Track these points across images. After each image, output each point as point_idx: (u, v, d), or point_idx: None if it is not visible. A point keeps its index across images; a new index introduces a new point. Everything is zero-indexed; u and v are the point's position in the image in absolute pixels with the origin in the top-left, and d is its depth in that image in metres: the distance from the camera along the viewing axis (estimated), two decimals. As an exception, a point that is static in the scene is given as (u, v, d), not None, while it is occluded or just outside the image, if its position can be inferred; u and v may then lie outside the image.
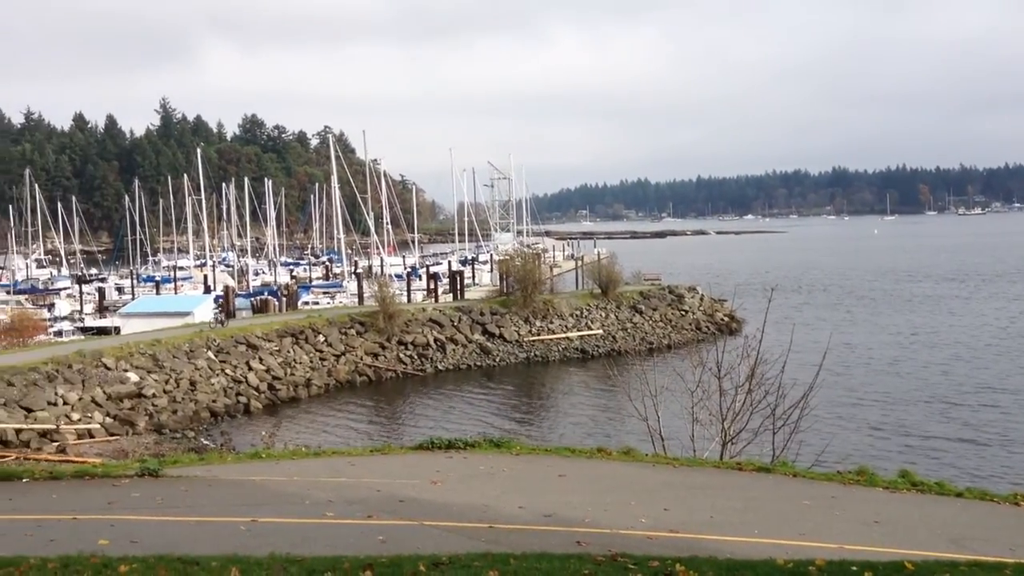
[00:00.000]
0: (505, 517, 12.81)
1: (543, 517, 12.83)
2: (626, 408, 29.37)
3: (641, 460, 18.53)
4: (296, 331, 50.18)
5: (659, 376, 22.82)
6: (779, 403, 20.53)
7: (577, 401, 45.04)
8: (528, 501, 13.92)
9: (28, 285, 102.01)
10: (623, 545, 10.94)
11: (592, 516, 12.94)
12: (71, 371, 38.77)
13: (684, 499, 14.61)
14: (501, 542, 11.12)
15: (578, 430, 37.71)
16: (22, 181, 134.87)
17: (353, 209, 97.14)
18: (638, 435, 24.71)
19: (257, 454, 20.26)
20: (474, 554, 10.13)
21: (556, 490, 15.23)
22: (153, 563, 9.21)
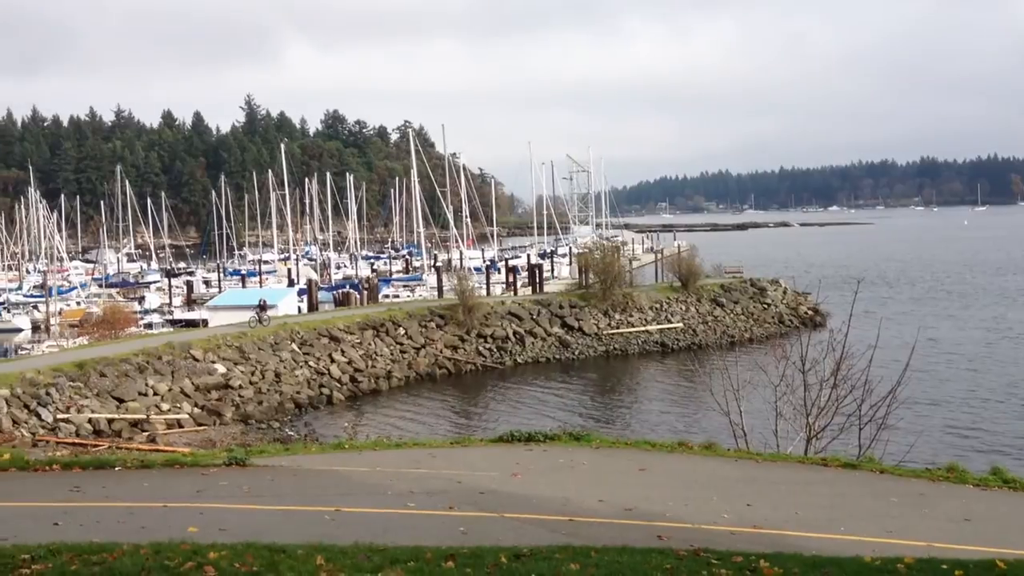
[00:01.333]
0: (585, 510, 12.78)
1: (624, 511, 12.77)
2: (707, 402, 29.11)
3: (723, 455, 18.32)
4: (377, 324, 50.76)
5: (741, 370, 22.45)
6: (865, 398, 20.11)
7: (657, 395, 44.74)
8: (608, 494, 13.87)
9: (119, 279, 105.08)
10: (705, 540, 10.84)
11: (673, 510, 12.84)
12: (161, 362, 39.80)
13: (767, 495, 14.40)
14: (581, 535, 11.10)
15: (658, 424, 37.45)
16: (113, 177, 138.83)
17: (432, 203, 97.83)
18: (719, 429, 24.42)
19: (340, 445, 20.54)
20: (555, 547, 10.13)
21: (636, 484, 15.14)
22: (241, 550, 9.40)
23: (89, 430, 33.64)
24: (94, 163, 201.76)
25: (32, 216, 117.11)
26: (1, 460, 16.07)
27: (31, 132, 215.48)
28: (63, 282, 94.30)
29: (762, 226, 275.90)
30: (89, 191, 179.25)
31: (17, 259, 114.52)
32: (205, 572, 8.52)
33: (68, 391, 35.11)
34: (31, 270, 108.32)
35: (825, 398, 20.31)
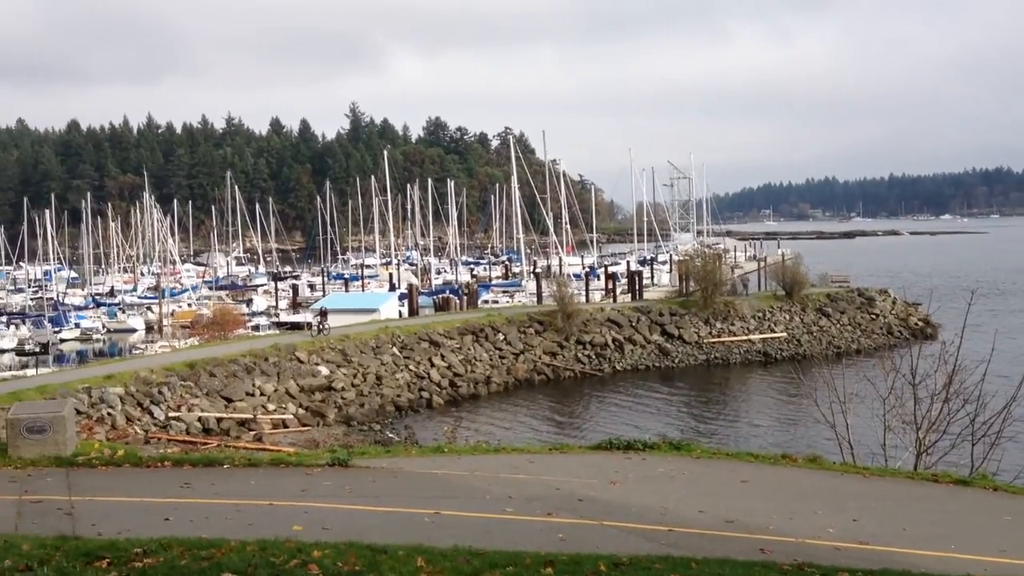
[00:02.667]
0: (685, 520, 12.61)
1: (724, 522, 12.56)
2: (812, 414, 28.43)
3: (829, 468, 17.88)
4: (476, 329, 51.08)
5: (847, 382, 21.89)
6: (978, 413, 19.41)
7: (759, 405, 43.99)
8: (709, 505, 13.66)
9: (229, 282, 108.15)
10: (809, 555, 10.58)
11: (776, 524, 12.58)
12: (267, 364, 40.79)
13: (875, 510, 13.99)
14: (681, 545, 10.95)
15: (760, 435, 36.82)
16: (224, 183, 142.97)
17: (532, 209, 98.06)
18: (825, 442, 23.90)
19: (440, 448, 20.69)
20: (654, 556, 10.02)
21: (738, 495, 14.88)
22: (344, 549, 9.53)
23: (199, 428, 34.67)
24: (206, 169, 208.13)
25: (147, 220, 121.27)
26: (116, 456, 16.63)
27: (146, 139, 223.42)
28: (175, 284, 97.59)
29: (870, 234, 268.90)
30: (201, 196, 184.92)
31: (132, 262, 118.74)
32: (309, 570, 8.67)
33: (179, 390, 36.23)
34: (145, 272, 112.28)
35: (936, 412, 19.65)
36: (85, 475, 15.08)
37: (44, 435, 16.19)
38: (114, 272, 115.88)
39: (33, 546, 9.41)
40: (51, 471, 15.22)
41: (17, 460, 15.82)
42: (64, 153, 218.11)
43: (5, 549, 9.27)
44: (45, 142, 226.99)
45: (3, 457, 16.11)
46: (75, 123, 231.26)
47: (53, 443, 16.18)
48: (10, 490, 13.56)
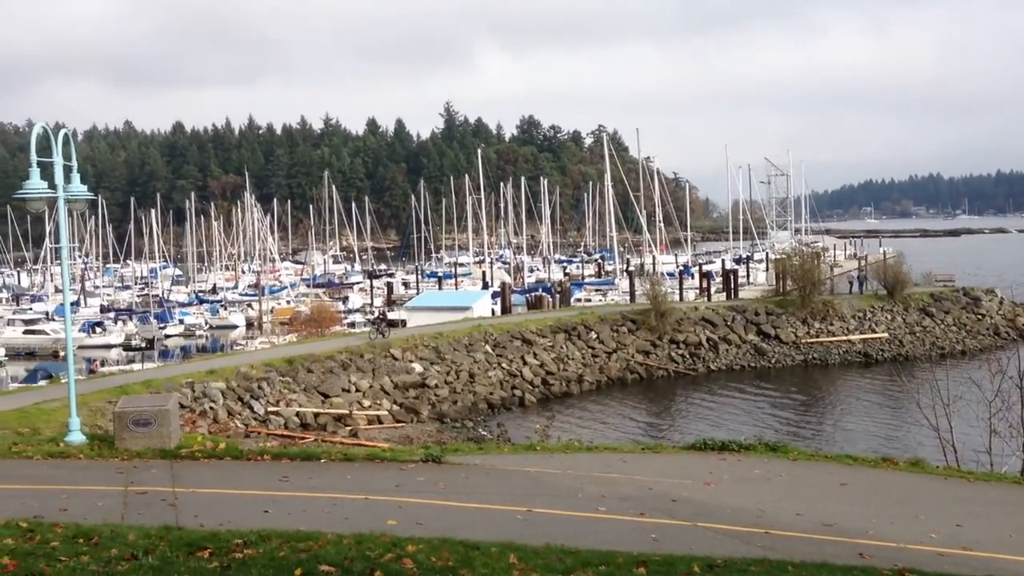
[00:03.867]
0: (782, 523, 12.39)
1: (823, 526, 12.30)
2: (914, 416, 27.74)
3: (931, 472, 17.38)
4: (569, 327, 51.02)
5: (952, 384, 21.26)
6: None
7: (859, 407, 42.99)
8: (806, 508, 13.40)
9: (326, 279, 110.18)
10: (911, 560, 10.29)
11: (876, 528, 12.27)
12: (363, 360, 41.40)
13: (980, 515, 13.55)
14: (778, 549, 10.76)
15: (860, 438, 35.97)
16: (321, 183, 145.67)
17: (625, 207, 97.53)
18: (927, 446, 23.24)
19: (532, 446, 20.72)
20: (750, 559, 9.86)
21: (837, 499, 14.57)
22: (437, 545, 9.61)
23: (296, 423, 35.39)
24: (304, 169, 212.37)
25: (248, 219, 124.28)
26: (217, 449, 17.07)
27: (247, 140, 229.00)
28: (274, 282, 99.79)
29: (977, 232, 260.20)
30: (299, 195, 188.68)
31: (234, 260, 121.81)
32: (403, 564, 8.76)
33: (278, 385, 37.03)
34: (246, 270, 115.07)
35: (1046, 417, 18.97)
36: (188, 467, 15.52)
37: (149, 428, 16.71)
38: (216, 270, 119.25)
39: (138, 536, 9.72)
40: (156, 463, 15.70)
41: (124, 452, 16.37)
42: (169, 154, 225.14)
43: (112, 538, 9.59)
44: (151, 143, 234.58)
45: (111, 449, 16.68)
46: (180, 125, 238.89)
47: (158, 436, 16.68)
48: (117, 481, 14.04)
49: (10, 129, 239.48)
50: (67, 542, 9.38)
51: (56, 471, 15.00)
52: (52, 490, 13.07)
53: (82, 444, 17.37)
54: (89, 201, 19.19)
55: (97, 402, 28.56)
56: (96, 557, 8.71)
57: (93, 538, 9.56)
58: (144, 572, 8.23)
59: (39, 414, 26.47)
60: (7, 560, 8.44)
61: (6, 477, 14.22)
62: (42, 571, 8.15)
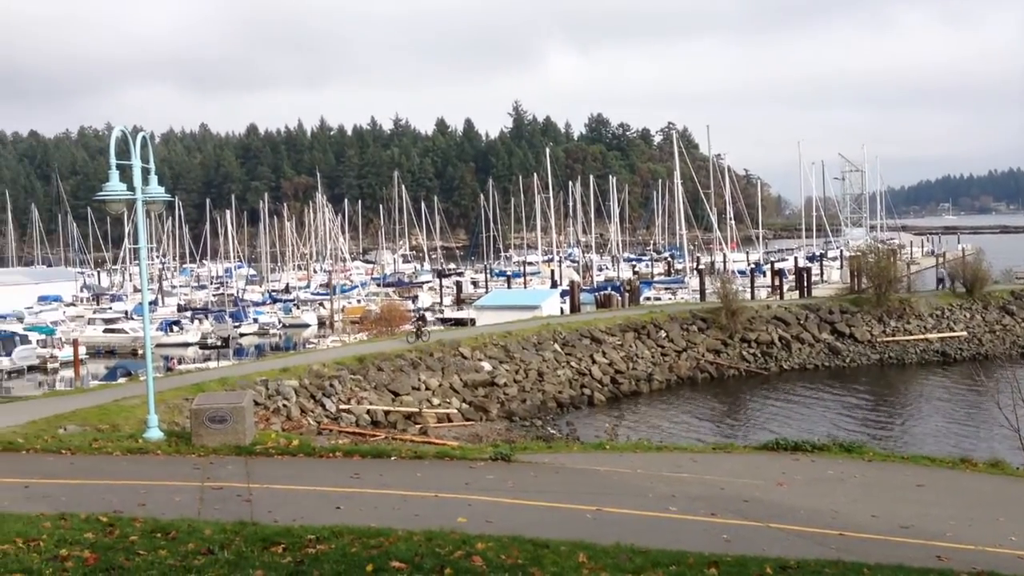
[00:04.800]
0: (856, 525, 12.18)
1: (899, 528, 12.07)
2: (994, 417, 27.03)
3: (1012, 474, 16.96)
4: (638, 326, 50.74)
5: (1034, 384, 20.68)
6: None
7: (936, 407, 42.05)
8: (882, 510, 13.16)
9: (395, 278, 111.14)
10: (990, 563, 10.04)
11: (954, 530, 12.00)
12: (432, 359, 41.67)
13: (1064, 520, 13.16)
14: (852, 551, 10.58)
15: (937, 438, 35.18)
16: (391, 183, 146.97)
17: (695, 205, 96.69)
18: (1007, 447, 22.62)
19: (601, 445, 20.67)
20: (823, 561, 9.71)
21: (913, 500, 14.28)
22: (507, 543, 9.63)
23: (367, 420, 35.76)
24: (374, 169, 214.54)
25: (319, 219, 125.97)
26: (291, 446, 17.33)
27: (319, 141, 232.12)
28: (346, 281, 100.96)
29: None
30: (369, 195, 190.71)
31: (306, 259, 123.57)
32: (473, 562, 8.79)
33: (349, 383, 37.45)
34: (317, 270, 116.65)
35: None
36: (262, 463, 15.77)
37: (225, 425, 17.02)
38: (289, 269, 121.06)
39: (214, 531, 9.91)
40: (231, 459, 15.98)
41: (200, 448, 16.70)
42: (243, 156, 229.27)
43: (189, 533, 9.80)
44: (226, 146, 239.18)
45: (187, 445, 17.04)
46: (253, 127, 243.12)
47: (233, 432, 16.99)
48: (194, 476, 14.33)
49: (90, 132, 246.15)
50: (145, 536, 9.60)
51: (135, 467, 15.36)
52: (131, 485, 13.40)
53: (160, 440, 17.77)
54: (166, 203, 19.62)
55: (174, 399, 29.17)
56: (173, 551, 8.90)
57: (171, 533, 9.78)
58: (220, 567, 8.38)
59: (119, 411, 27.13)
60: (88, 553, 8.67)
61: (87, 472, 14.61)
62: (121, 565, 8.35)
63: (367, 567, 8.40)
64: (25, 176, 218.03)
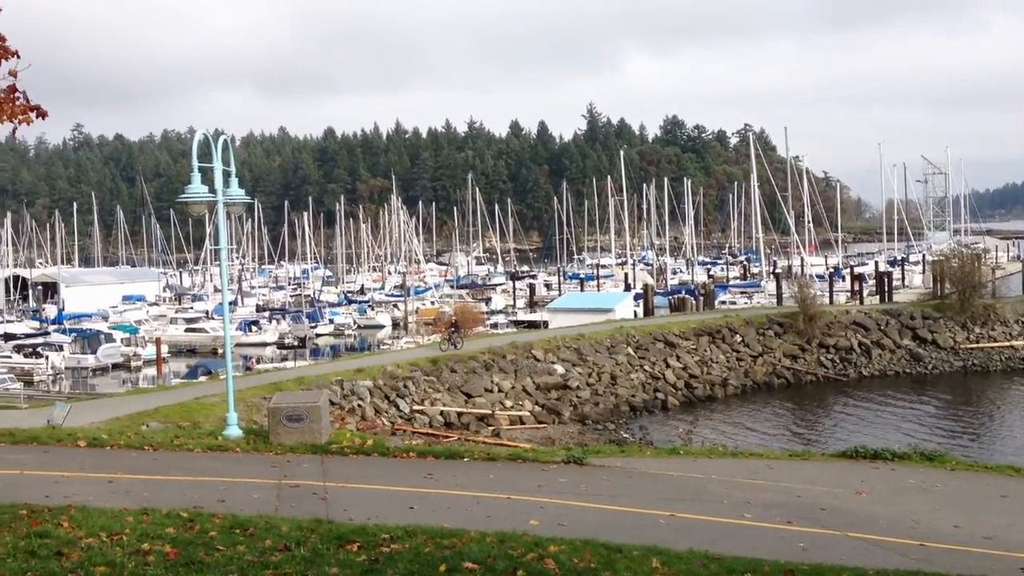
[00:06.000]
0: (938, 535, 11.90)
1: (982, 539, 11.76)
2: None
3: (1102, 487, 16.37)
4: (713, 330, 50.24)
5: None
6: None
7: (1022, 417, 40.86)
8: (965, 520, 12.84)
9: (469, 280, 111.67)
10: (1080, 580, 9.73)
11: (1041, 543, 11.64)
12: (505, 361, 41.78)
13: None
14: (934, 562, 10.33)
15: (1023, 449, 34.17)
16: (465, 185, 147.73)
17: (772, 207, 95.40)
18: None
19: (675, 450, 20.51)
20: (903, 571, 9.52)
21: (998, 511, 13.90)
22: (579, 546, 9.62)
23: (440, 422, 36.00)
24: (448, 172, 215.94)
25: (394, 221, 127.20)
26: (365, 446, 17.52)
27: (394, 144, 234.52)
28: (420, 283, 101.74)
29: None
30: (443, 198, 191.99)
31: (381, 261, 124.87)
32: (545, 564, 8.79)
33: (423, 384, 37.74)
34: (392, 271, 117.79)
35: None
36: (337, 462, 15.98)
37: (302, 423, 17.29)
38: (364, 271, 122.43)
39: (291, 528, 10.07)
40: (307, 457, 16.22)
41: (278, 446, 16.98)
42: (320, 159, 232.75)
43: (266, 529, 9.97)
44: (304, 149, 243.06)
45: (265, 443, 17.34)
46: (331, 130, 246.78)
47: (309, 431, 17.24)
48: (271, 474, 14.58)
49: (173, 136, 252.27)
50: (224, 532, 9.79)
51: (214, 463, 15.67)
52: (211, 482, 13.67)
53: (239, 438, 18.11)
54: (246, 204, 20.01)
55: (252, 398, 29.71)
56: (251, 547, 9.06)
57: (249, 529, 9.96)
58: (296, 563, 8.50)
59: (199, 408, 27.73)
60: (169, 548, 8.87)
61: (169, 468, 14.96)
62: (201, 560, 8.52)
63: (440, 567, 8.45)
64: (111, 179, 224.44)
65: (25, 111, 12.29)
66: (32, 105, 12.41)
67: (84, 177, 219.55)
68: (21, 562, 8.20)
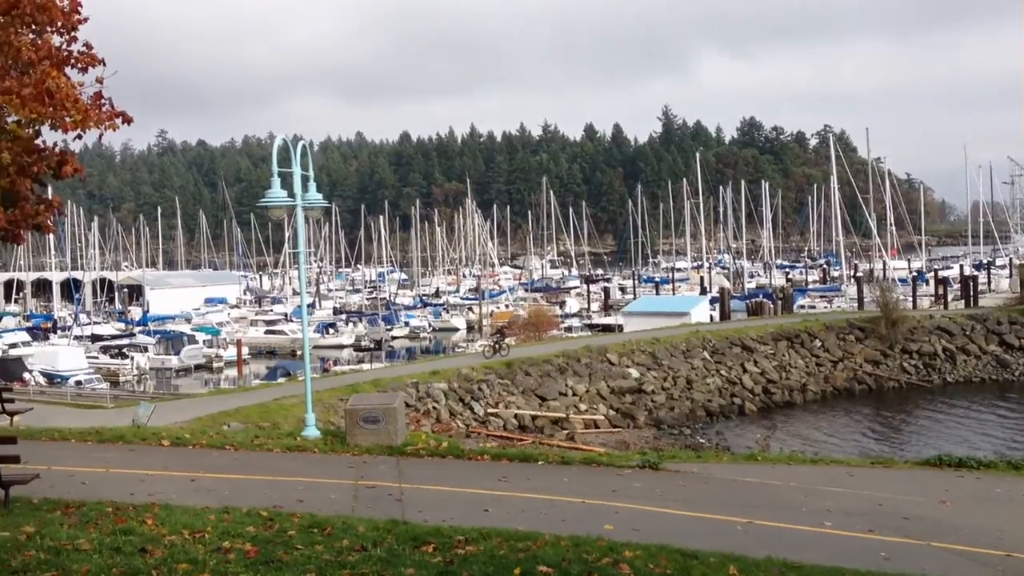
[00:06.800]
0: (1026, 547, 11.54)
1: (1074, 553, 11.36)
2: None
3: None
4: (791, 335, 49.46)
5: None
6: None
7: (1116, 426, 39.44)
8: (1055, 533, 12.42)
9: (543, 284, 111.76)
10: None
11: None
12: (579, 365, 41.67)
13: None
14: (1019, 573, 10.03)
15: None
16: (539, 188, 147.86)
17: (853, 210, 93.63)
18: None
19: (752, 456, 20.26)
20: (990, 584, 9.25)
21: (1091, 524, 13.40)
22: (655, 551, 9.54)
23: (515, 425, 36.04)
24: (522, 175, 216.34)
25: (469, 225, 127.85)
26: (440, 448, 17.64)
27: (469, 148, 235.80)
28: (494, 286, 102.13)
29: None
30: (518, 201, 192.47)
31: (455, 264, 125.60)
32: (620, 569, 8.74)
33: (497, 387, 37.84)
34: (466, 275, 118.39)
35: None
36: (413, 464, 16.11)
37: (378, 425, 17.47)
38: (439, 274, 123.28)
39: (367, 528, 10.18)
40: (383, 459, 16.39)
41: (354, 447, 17.18)
42: (396, 163, 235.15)
43: (343, 529, 10.10)
44: (380, 153, 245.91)
45: (342, 444, 17.55)
46: (406, 135, 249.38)
47: (385, 433, 17.41)
48: (348, 475, 14.75)
49: (253, 141, 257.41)
50: (303, 532, 9.94)
51: (293, 464, 15.92)
52: (290, 482, 13.89)
53: (317, 439, 18.37)
54: (324, 209, 20.30)
55: (330, 399, 30.10)
56: (329, 547, 9.18)
57: (326, 528, 10.10)
58: (373, 563, 8.59)
59: (278, 409, 28.19)
60: (249, 546, 9.03)
61: (249, 468, 15.23)
62: (280, 558, 8.66)
63: (515, 570, 8.46)
64: (194, 183, 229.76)
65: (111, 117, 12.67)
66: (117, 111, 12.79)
67: (168, 182, 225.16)
68: (107, 558, 8.42)
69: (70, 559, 8.33)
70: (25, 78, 11.86)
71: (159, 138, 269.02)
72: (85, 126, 12.10)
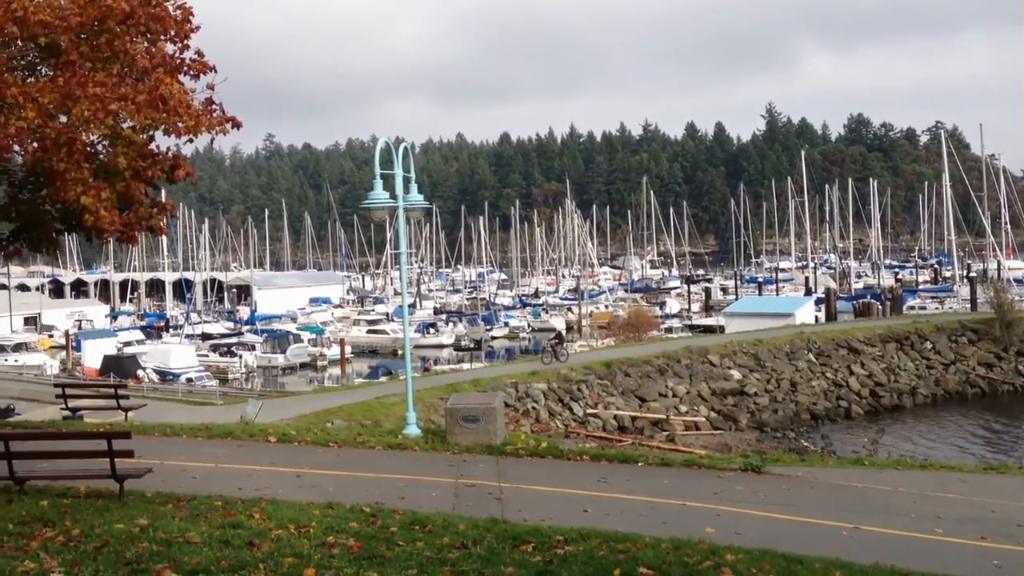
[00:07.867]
0: None
1: None
2: None
3: None
4: (900, 336, 48.14)
5: None
6: None
7: None
8: None
9: (643, 284, 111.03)
10: None
11: None
12: (679, 366, 41.28)
13: None
14: None
15: None
16: (639, 188, 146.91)
17: (966, 209, 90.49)
18: None
19: (859, 460, 19.78)
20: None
21: None
22: (758, 556, 9.39)
23: (614, 426, 35.89)
24: (622, 175, 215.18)
25: (568, 225, 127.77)
26: (539, 448, 17.67)
27: (568, 148, 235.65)
28: (593, 286, 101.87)
29: None
30: (617, 201, 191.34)
31: (554, 265, 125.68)
32: (722, 573, 8.63)
33: (596, 388, 37.73)
34: (566, 275, 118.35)
35: None
36: (512, 463, 16.17)
37: (477, 424, 17.59)
38: (538, 274, 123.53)
39: (467, 526, 10.27)
40: (483, 458, 16.49)
41: (454, 446, 17.33)
42: (496, 164, 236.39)
43: (444, 527, 10.20)
44: (480, 154, 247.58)
45: (442, 443, 17.73)
46: (506, 136, 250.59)
47: (485, 432, 17.52)
48: (449, 473, 14.90)
49: (357, 144, 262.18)
50: (404, 528, 10.08)
51: (395, 461, 16.15)
52: (391, 479, 14.10)
53: (417, 437, 18.59)
54: (425, 210, 20.52)
55: (430, 398, 30.45)
56: (430, 544, 9.29)
57: (427, 526, 10.22)
58: (472, 561, 8.66)
59: (380, 407, 28.64)
60: (352, 542, 9.20)
61: (352, 465, 15.51)
62: (382, 554, 8.80)
63: (614, 571, 8.42)
64: (299, 186, 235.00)
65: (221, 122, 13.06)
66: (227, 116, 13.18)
67: (275, 185, 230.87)
68: (216, 551, 8.68)
69: (181, 551, 8.61)
70: (140, 85, 12.31)
71: (266, 142, 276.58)
72: (197, 131, 12.51)
